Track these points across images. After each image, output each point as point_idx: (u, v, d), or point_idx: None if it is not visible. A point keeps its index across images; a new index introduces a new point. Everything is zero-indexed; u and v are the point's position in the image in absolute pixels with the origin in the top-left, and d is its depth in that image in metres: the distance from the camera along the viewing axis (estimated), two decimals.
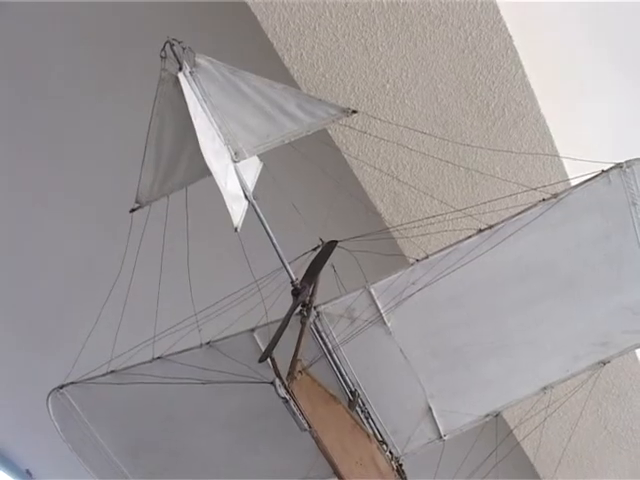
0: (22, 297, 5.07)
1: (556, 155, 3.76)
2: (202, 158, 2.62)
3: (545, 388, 3.26)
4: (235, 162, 2.84)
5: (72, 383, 3.40)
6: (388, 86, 3.73)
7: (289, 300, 3.00)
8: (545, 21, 3.86)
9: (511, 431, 3.99)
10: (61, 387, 3.41)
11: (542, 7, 3.74)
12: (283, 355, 2.73)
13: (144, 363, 3.26)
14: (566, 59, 4.05)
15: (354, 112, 2.73)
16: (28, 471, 6.38)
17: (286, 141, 2.79)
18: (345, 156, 3.70)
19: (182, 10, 3.86)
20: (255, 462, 3.46)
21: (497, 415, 3.34)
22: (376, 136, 3.53)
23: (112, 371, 3.31)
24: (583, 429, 5.19)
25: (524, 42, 3.78)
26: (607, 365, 3.24)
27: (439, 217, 3.19)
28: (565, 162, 3.94)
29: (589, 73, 4.16)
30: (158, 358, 3.24)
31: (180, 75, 2.58)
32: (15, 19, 4.01)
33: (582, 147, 3.65)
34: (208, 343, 3.16)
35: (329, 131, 3.70)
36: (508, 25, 3.64)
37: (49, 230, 4.70)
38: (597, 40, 4.04)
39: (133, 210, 2.92)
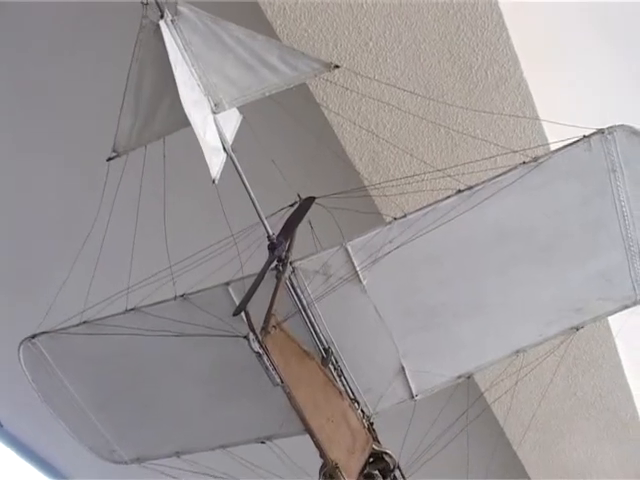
0: None
1: (537, 119, 3.75)
2: (181, 108, 2.58)
3: (518, 351, 3.28)
4: (215, 113, 2.80)
5: (44, 333, 3.38)
6: (371, 44, 3.69)
7: (265, 255, 2.98)
8: None
9: (482, 394, 4.03)
10: (33, 337, 3.38)
11: None
12: (258, 310, 2.72)
13: (118, 314, 3.24)
14: (551, 26, 4.02)
15: (336, 67, 2.69)
16: None
17: (267, 94, 2.75)
18: (325, 113, 3.67)
19: None
20: (227, 416, 3.47)
21: (469, 377, 3.35)
22: (358, 92, 3.50)
23: (85, 322, 3.29)
24: (553, 395, 5.26)
25: (510, 6, 3.75)
26: (579, 332, 3.26)
27: (418, 177, 3.18)
28: (546, 127, 3.93)
29: (574, 41, 4.14)
30: (132, 310, 3.22)
31: (161, 23, 2.53)
32: None
33: (564, 114, 3.63)
34: (182, 296, 3.14)
35: (310, 87, 3.66)
36: None
37: (25, 178, 4.64)
38: (583, 8, 4.00)
39: (110, 159, 2.89)
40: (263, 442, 3.54)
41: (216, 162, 2.75)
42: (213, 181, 2.68)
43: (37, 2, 4.04)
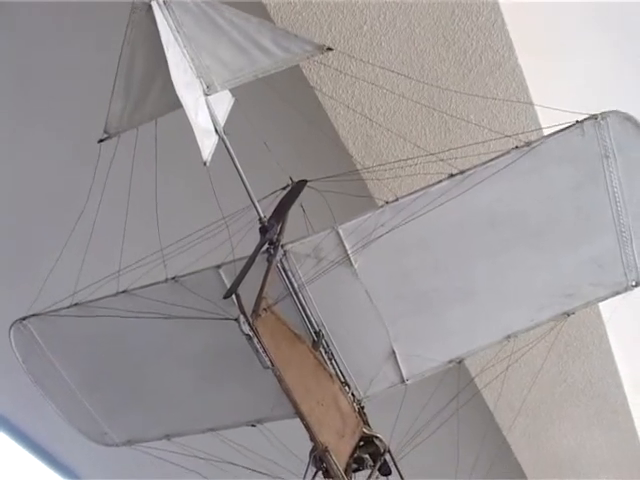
0: None
1: (530, 103, 3.74)
2: (173, 90, 2.57)
3: (509, 336, 3.28)
4: (207, 95, 2.78)
5: (35, 315, 3.37)
6: (365, 28, 3.66)
7: (256, 239, 2.97)
8: None
9: (473, 379, 4.04)
10: (24, 319, 3.39)
11: None
12: (249, 293, 2.72)
13: (108, 296, 3.24)
14: (547, 12, 4.01)
15: (329, 49, 2.68)
16: None
17: (259, 75, 2.73)
18: (319, 96, 3.65)
19: None
20: (218, 399, 3.48)
21: (460, 362, 3.36)
22: (351, 76, 3.48)
23: (76, 304, 3.29)
24: (543, 381, 5.27)
25: None
26: (570, 319, 3.26)
27: (411, 160, 3.17)
28: (539, 113, 3.92)
29: (569, 28, 4.13)
30: (123, 292, 3.22)
31: (153, 3, 2.51)
32: None
33: (558, 100, 3.62)
34: (173, 278, 3.14)
35: (304, 71, 3.64)
36: None
37: (16, 161, 4.62)
38: None
39: (101, 140, 2.87)
40: (254, 425, 3.55)
41: (208, 144, 2.74)
42: (204, 163, 2.67)
43: None
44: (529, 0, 3.85)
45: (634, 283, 3.12)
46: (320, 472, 3.13)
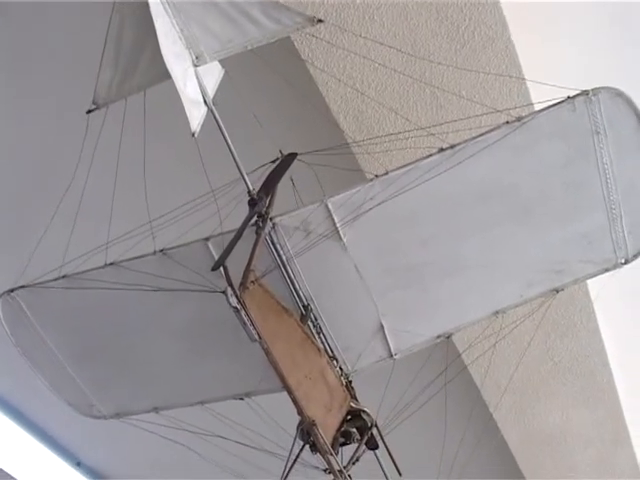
0: None
1: (522, 78, 3.72)
2: (162, 60, 2.56)
3: (497, 312, 3.27)
4: (196, 66, 2.77)
5: (23, 287, 3.36)
6: (358, 1, 3.63)
7: (245, 212, 2.96)
8: None
9: (460, 354, 4.06)
10: (12, 290, 3.37)
11: None
12: (237, 266, 2.71)
13: (97, 268, 3.23)
14: None
15: (320, 21, 2.67)
16: None
17: (249, 47, 2.72)
18: (311, 70, 3.62)
19: None
20: (206, 372, 3.47)
21: (449, 337, 3.36)
22: (344, 49, 3.46)
23: (64, 276, 3.28)
24: (530, 359, 5.30)
25: None
26: (558, 297, 3.26)
27: (401, 135, 3.16)
28: (532, 90, 3.91)
29: (563, 6, 4.10)
30: (111, 264, 3.20)
31: None
32: None
33: (550, 78, 3.61)
34: (162, 251, 3.13)
35: (296, 44, 3.60)
36: None
37: (2, 130, 4.57)
38: None
39: (90, 111, 2.86)
40: (242, 399, 3.56)
41: (196, 115, 2.73)
42: (193, 134, 2.66)
43: None
44: None
45: (623, 260, 3.12)
46: (307, 446, 3.16)
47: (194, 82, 2.76)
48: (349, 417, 3.29)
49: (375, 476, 3.42)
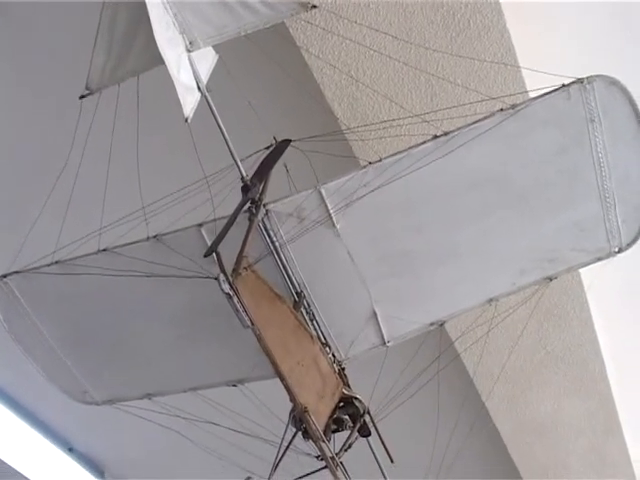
0: None
1: (517, 66, 3.71)
2: (155, 46, 2.55)
3: (491, 300, 3.28)
4: (189, 52, 2.76)
5: (16, 272, 3.35)
6: None
7: (238, 199, 2.96)
8: None
9: (453, 342, 4.06)
10: (4, 276, 3.36)
11: None
12: (230, 252, 2.71)
13: (90, 254, 3.22)
14: None
15: (314, 7, 2.66)
16: None
17: (242, 32, 2.71)
18: (305, 57, 3.60)
19: None
20: (199, 358, 3.47)
21: (442, 324, 3.36)
22: (339, 35, 3.45)
23: (57, 261, 3.27)
24: (523, 348, 5.32)
25: None
26: (551, 286, 3.26)
27: (395, 121, 3.15)
28: (527, 79, 3.91)
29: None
30: (104, 250, 3.19)
31: None
32: None
33: (546, 67, 3.61)
34: (155, 237, 3.12)
35: (291, 30, 3.59)
36: None
37: None
38: None
39: (83, 97, 2.85)
40: (235, 385, 3.56)
41: (190, 101, 2.72)
42: (186, 120, 2.65)
43: None
44: None
45: (617, 249, 3.12)
46: (300, 432, 3.16)
47: (187, 68, 2.76)
48: (342, 404, 3.29)
49: (367, 463, 3.43)
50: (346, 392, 3.31)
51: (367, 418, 3.34)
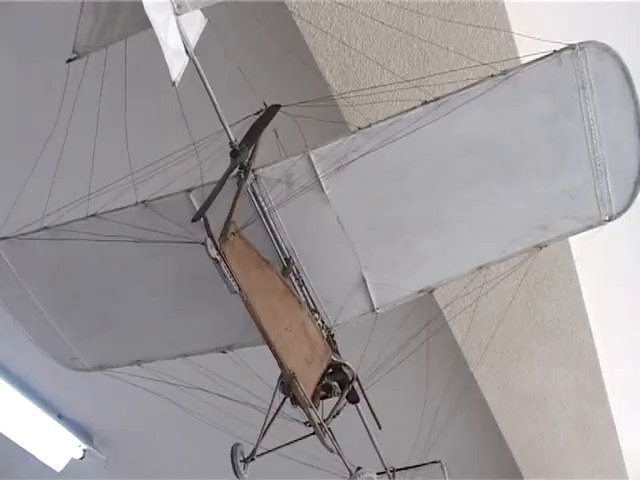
0: None
1: (508, 31, 3.69)
2: (142, 9, 2.50)
3: (481, 267, 3.26)
4: (177, 15, 2.72)
5: (4, 238, 3.33)
6: None
7: (227, 164, 2.94)
8: None
9: (443, 308, 4.07)
10: None
11: None
12: (219, 218, 2.69)
13: (78, 220, 3.20)
14: None
15: None
16: None
17: None
18: (297, 22, 3.57)
19: None
20: (188, 325, 3.47)
21: (431, 292, 3.35)
22: (331, 1, 3.41)
23: (45, 227, 3.25)
24: (512, 318, 5.34)
25: None
26: (540, 257, 3.25)
27: (385, 87, 3.12)
28: (519, 48, 3.89)
29: None
30: (92, 215, 3.18)
31: None
32: None
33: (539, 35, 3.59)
34: (143, 202, 3.11)
35: None
36: None
37: None
38: None
39: (70, 60, 2.81)
40: (224, 352, 3.57)
41: (177, 64, 2.68)
42: (173, 84, 2.62)
43: None
44: None
45: (607, 217, 3.10)
46: (288, 399, 3.17)
47: (175, 31, 2.71)
48: (330, 371, 3.30)
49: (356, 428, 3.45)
50: (335, 359, 3.32)
51: (355, 385, 3.34)
